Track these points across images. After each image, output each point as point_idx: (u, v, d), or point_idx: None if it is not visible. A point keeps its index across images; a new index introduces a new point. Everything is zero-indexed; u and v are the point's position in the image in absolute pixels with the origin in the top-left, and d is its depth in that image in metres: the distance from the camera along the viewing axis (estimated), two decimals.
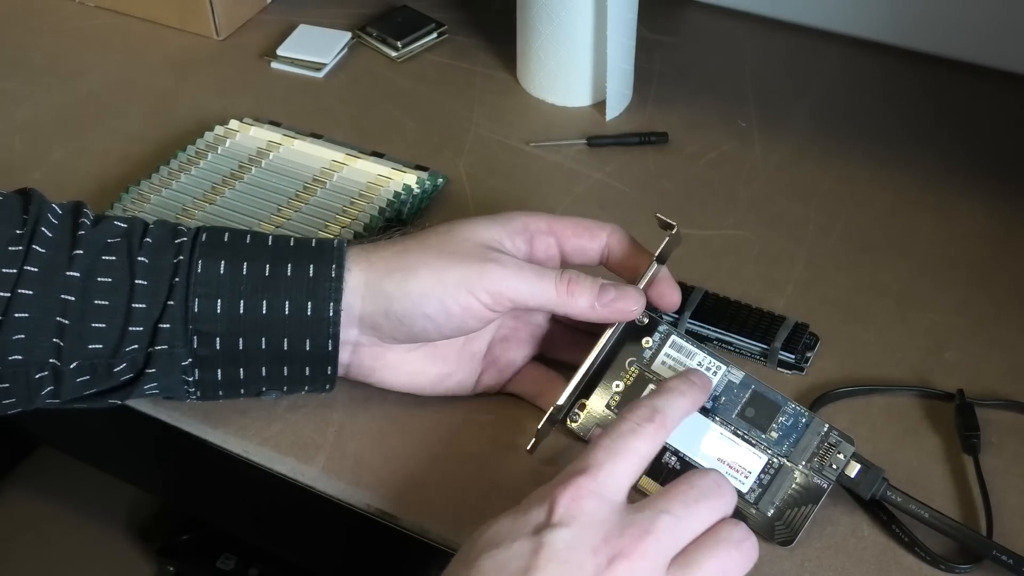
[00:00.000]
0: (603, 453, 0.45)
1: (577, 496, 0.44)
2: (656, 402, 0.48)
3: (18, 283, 0.50)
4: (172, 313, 0.52)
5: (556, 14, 0.75)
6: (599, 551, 0.42)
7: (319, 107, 0.80)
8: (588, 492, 0.44)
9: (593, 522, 0.43)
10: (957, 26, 0.82)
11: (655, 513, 0.44)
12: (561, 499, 0.43)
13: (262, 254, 0.53)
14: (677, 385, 0.50)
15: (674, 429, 0.48)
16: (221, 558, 1.10)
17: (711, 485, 0.46)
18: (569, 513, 0.43)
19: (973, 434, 0.56)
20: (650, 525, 0.43)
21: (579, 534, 0.43)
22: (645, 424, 0.47)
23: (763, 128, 0.78)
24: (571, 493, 0.44)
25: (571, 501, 0.43)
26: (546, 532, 0.43)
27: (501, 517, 0.45)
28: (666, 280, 0.56)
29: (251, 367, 0.53)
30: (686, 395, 0.50)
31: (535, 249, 0.56)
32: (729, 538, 0.44)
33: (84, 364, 0.52)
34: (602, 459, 0.45)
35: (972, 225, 0.70)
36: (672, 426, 0.48)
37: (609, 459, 0.45)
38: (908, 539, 0.52)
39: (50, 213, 0.53)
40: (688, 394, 0.50)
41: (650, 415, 0.47)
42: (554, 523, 0.43)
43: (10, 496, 1.20)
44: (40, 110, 0.79)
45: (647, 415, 0.47)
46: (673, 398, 0.49)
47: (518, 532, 0.43)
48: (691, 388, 0.50)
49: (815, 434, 0.53)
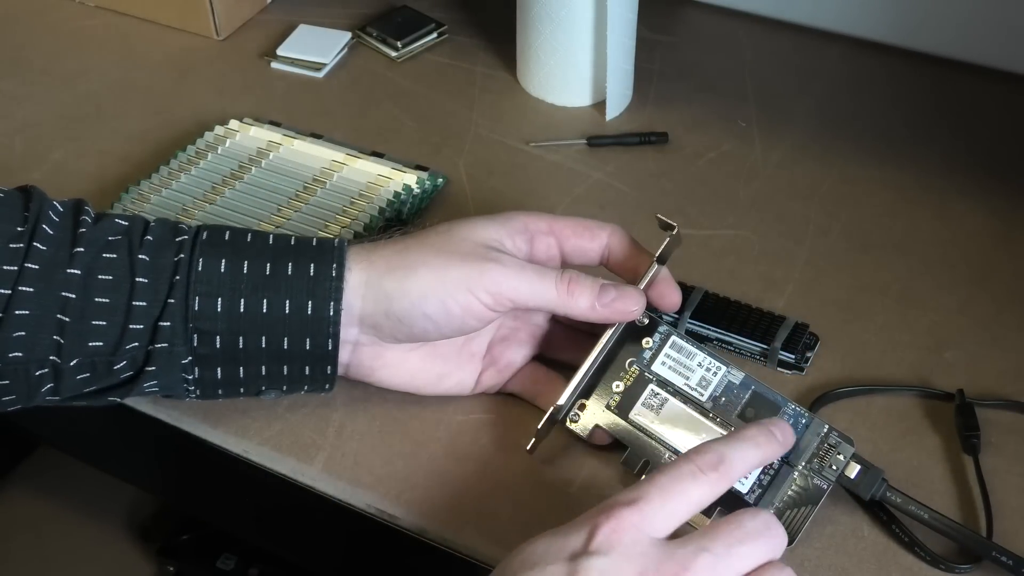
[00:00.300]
0: (655, 490, 0.44)
1: (619, 527, 0.42)
2: (725, 449, 0.46)
3: (19, 280, 0.50)
4: (172, 311, 0.52)
5: (556, 14, 0.75)
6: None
7: (319, 107, 0.79)
8: (631, 525, 0.42)
9: (631, 555, 0.42)
10: (957, 26, 0.82)
11: (696, 550, 0.42)
12: (602, 527, 0.42)
13: (263, 253, 0.53)
14: (754, 435, 0.48)
15: (737, 480, 0.46)
16: (221, 558, 1.10)
17: (760, 527, 0.43)
18: (608, 543, 0.42)
19: (973, 434, 0.56)
20: (689, 562, 0.42)
21: (615, 564, 0.41)
22: (708, 471, 0.45)
23: (763, 128, 0.78)
24: (613, 523, 0.42)
25: (612, 531, 0.42)
26: (582, 559, 0.42)
27: (540, 538, 0.44)
28: (666, 280, 0.56)
29: (251, 366, 0.53)
30: (760, 448, 0.48)
31: (535, 249, 0.56)
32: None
33: (84, 361, 0.52)
34: (653, 495, 0.43)
35: (973, 225, 0.70)
36: (736, 477, 0.46)
37: (659, 497, 0.44)
38: (908, 539, 0.52)
39: (51, 211, 0.53)
40: (763, 447, 0.48)
41: (715, 463, 0.45)
42: (592, 551, 0.42)
43: (10, 496, 1.20)
44: (40, 110, 0.79)
45: (712, 462, 0.45)
46: (745, 448, 0.47)
47: (554, 556, 0.42)
48: (768, 441, 0.48)
49: (815, 435, 0.53)
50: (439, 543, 0.54)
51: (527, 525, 0.53)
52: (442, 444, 0.57)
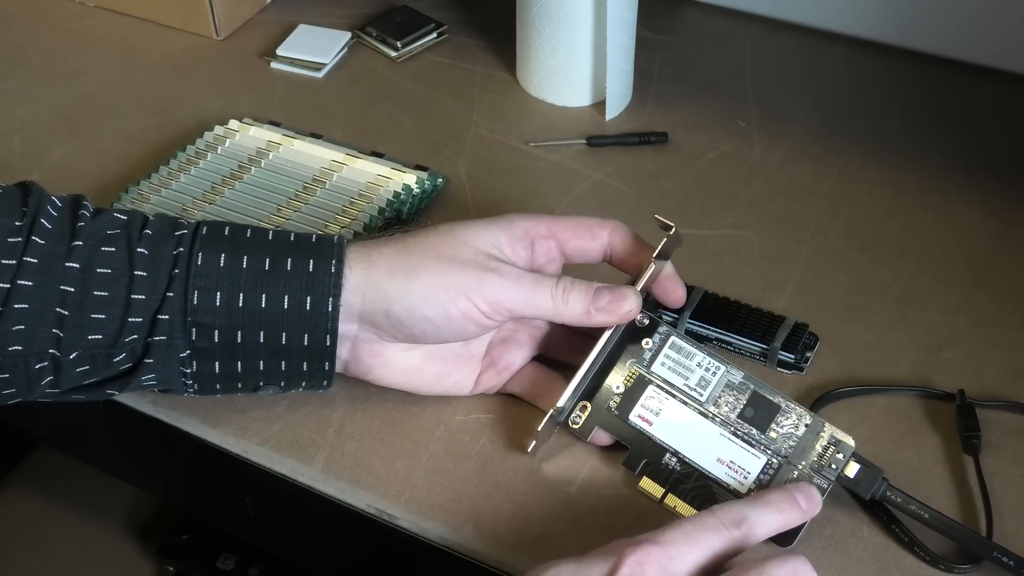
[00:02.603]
0: (681, 535, 0.45)
1: (643, 561, 0.43)
2: (749, 512, 0.47)
3: (18, 274, 0.50)
4: (171, 304, 0.52)
5: (556, 14, 0.75)
6: None
7: (319, 107, 0.79)
8: (655, 562, 0.44)
9: None
10: (957, 26, 0.82)
11: None
12: (627, 560, 0.43)
13: (262, 248, 0.53)
14: (778, 501, 0.49)
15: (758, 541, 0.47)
16: (221, 558, 1.10)
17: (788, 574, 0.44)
18: (631, 574, 0.43)
19: (974, 434, 0.56)
20: None
21: None
22: (731, 528, 0.46)
23: (763, 128, 0.78)
24: (638, 557, 0.43)
25: (636, 564, 0.43)
26: None
27: (564, 562, 0.44)
28: (670, 277, 0.56)
29: (249, 360, 0.53)
30: (783, 513, 0.49)
31: (536, 254, 0.56)
32: None
33: (84, 354, 0.52)
34: (678, 539, 0.45)
35: (972, 224, 0.70)
36: (756, 539, 0.47)
37: (684, 542, 0.45)
38: (908, 539, 0.52)
39: (49, 205, 0.53)
40: (786, 512, 0.49)
41: (738, 521, 0.46)
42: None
43: (10, 496, 1.20)
44: (40, 110, 0.79)
45: (735, 520, 0.46)
46: (768, 513, 0.48)
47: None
48: (791, 508, 0.49)
49: (815, 434, 0.53)
50: (439, 543, 0.54)
51: (527, 525, 0.53)
52: (442, 444, 0.57)
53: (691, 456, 0.54)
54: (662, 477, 0.54)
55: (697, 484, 0.53)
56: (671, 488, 0.53)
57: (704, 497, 0.53)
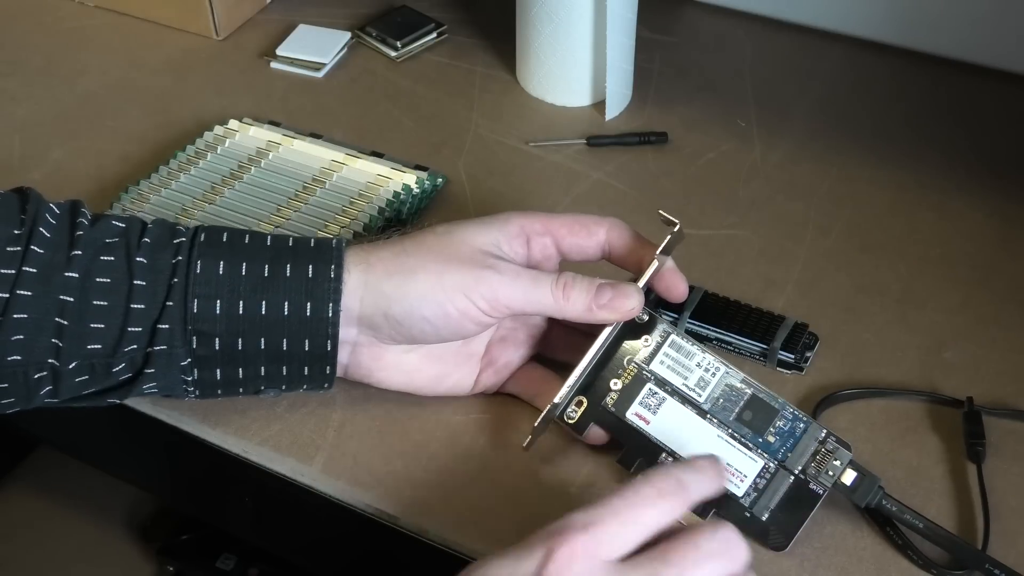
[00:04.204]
0: (610, 514, 0.43)
1: (571, 555, 0.41)
2: (684, 477, 0.45)
3: (17, 284, 0.50)
4: (171, 314, 0.52)
5: (556, 14, 0.75)
6: None
7: (319, 107, 0.79)
8: (584, 552, 0.42)
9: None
10: (958, 26, 0.82)
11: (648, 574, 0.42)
12: (555, 556, 0.41)
13: (261, 254, 0.53)
14: (707, 467, 0.47)
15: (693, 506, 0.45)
16: (221, 558, 1.10)
17: (717, 548, 0.43)
18: (559, 572, 0.41)
19: (979, 442, 0.56)
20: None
21: None
22: (667, 497, 0.44)
23: (763, 128, 0.78)
24: (566, 551, 0.41)
25: (564, 560, 0.41)
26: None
27: (492, 559, 0.43)
28: (672, 272, 0.56)
29: (250, 367, 0.53)
30: (713, 481, 0.47)
31: (532, 251, 0.56)
32: None
33: (83, 364, 0.52)
34: (608, 520, 0.43)
35: (972, 224, 0.70)
36: (692, 505, 0.45)
37: (615, 523, 0.43)
38: (901, 542, 0.52)
39: (48, 213, 0.53)
40: (715, 481, 0.47)
41: (674, 489, 0.44)
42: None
43: (10, 496, 1.20)
44: (40, 110, 0.79)
45: (671, 488, 0.44)
46: (701, 479, 0.46)
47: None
48: (718, 476, 0.47)
49: (812, 439, 0.53)
50: (439, 543, 0.54)
51: (527, 525, 0.53)
52: (442, 444, 0.57)
53: (687, 456, 0.53)
54: None
55: None
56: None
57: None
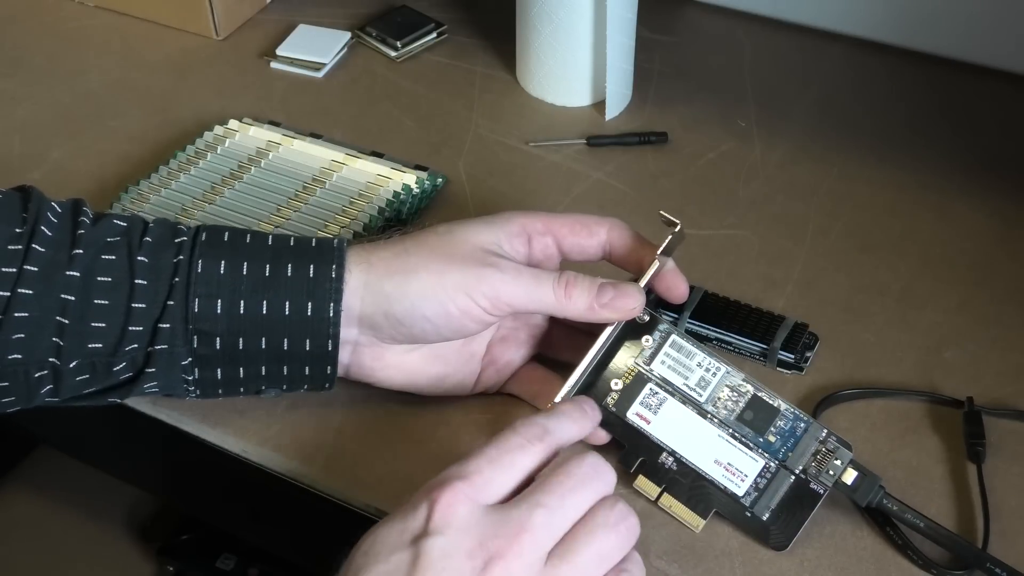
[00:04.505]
0: (485, 462, 0.46)
1: (453, 502, 0.44)
2: (548, 423, 0.48)
3: (18, 282, 0.50)
4: (172, 313, 0.52)
5: (555, 14, 0.75)
6: (475, 555, 0.43)
7: (318, 107, 0.79)
8: (464, 497, 0.44)
9: (468, 526, 0.43)
10: (958, 26, 0.82)
11: (529, 508, 0.44)
12: (437, 506, 0.43)
13: (262, 254, 0.53)
14: (570, 411, 0.51)
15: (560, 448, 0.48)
16: (221, 558, 1.10)
17: (588, 472, 0.46)
18: (444, 520, 0.43)
19: (979, 442, 0.56)
20: (524, 522, 0.43)
21: (454, 540, 0.43)
22: (535, 442, 0.47)
23: (763, 127, 0.78)
24: (447, 499, 0.44)
25: (447, 507, 0.43)
26: (423, 541, 0.43)
27: (382, 524, 0.45)
28: (673, 272, 0.56)
29: (251, 366, 0.53)
30: (577, 423, 0.51)
31: (533, 250, 0.56)
32: (605, 522, 0.45)
33: (84, 363, 0.52)
34: (483, 467, 0.45)
35: (973, 224, 0.70)
36: (558, 447, 0.48)
37: (490, 468, 0.45)
38: (902, 542, 0.52)
39: (49, 212, 0.53)
40: (579, 422, 0.51)
41: (540, 435, 0.47)
42: (430, 531, 0.43)
43: (10, 496, 1.20)
44: (40, 110, 0.79)
45: (537, 434, 0.47)
46: (564, 423, 0.50)
47: (396, 543, 0.43)
48: (582, 417, 0.52)
49: (813, 439, 0.53)
50: None
51: None
52: (442, 444, 0.57)
53: (688, 456, 0.53)
54: (658, 476, 0.54)
55: (694, 485, 0.53)
56: (667, 488, 0.53)
57: (701, 498, 0.53)
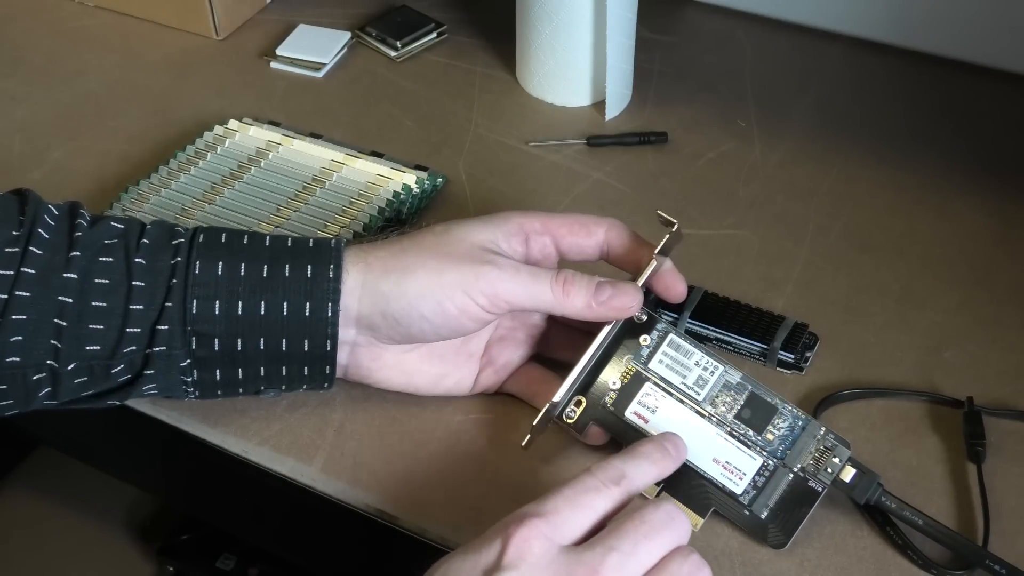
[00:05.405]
0: (563, 502, 0.45)
1: (528, 537, 0.43)
2: (626, 467, 0.48)
3: (15, 285, 0.50)
4: (170, 315, 0.52)
5: (556, 14, 0.75)
6: None
7: (318, 107, 0.79)
8: (539, 534, 0.44)
9: (541, 564, 0.43)
10: (957, 26, 0.82)
11: (604, 552, 0.43)
12: (513, 540, 0.43)
13: (260, 255, 0.53)
14: (650, 452, 0.50)
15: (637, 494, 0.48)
16: (221, 558, 1.10)
17: (663, 519, 0.45)
18: (519, 555, 0.43)
19: (979, 442, 0.56)
20: (597, 565, 0.43)
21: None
22: (610, 486, 0.46)
23: (763, 128, 0.78)
24: (523, 534, 0.43)
25: (522, 542, 0.43)
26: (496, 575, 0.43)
27: (455, 555, 0.44)
28: (671, 272, 0.56)
29: (249, 367, 0.53)
30: (656, 464, 0.50)
31: (531, 249, 0.56)
32: (679, 573, 0.44)
33: (82, 366, 0.52)
34: (561, 507, 0.45)
35: (973, 224, 0.70)
36: (635, 492, 0.48)
37: (567, 508, 0.45)
38: (901, 542, 0.52)
39: (46, 214, 0.53)
40: (659, 464, 0.50)
41: (617, 478, 0.47)
42: (504, 566, 0.43)
43: (10, 496, 1.20)
44: (40, 110, 0.79)
45: (614, 478, 0.47)
46: (643, 466, 0.49)
47: (468, 574, 0.43)
48: (663, 457, 0.50)
49: (811, 437, 0.53)
50: (438, 543, 0.54)
51: None
52: (441, 444, 0.57)
53: (688, 456, 0.53)
54: None
55: (693, 484, 0.53)
56: (666, 487, 0.53)
57: (700, 497, 0.53)
